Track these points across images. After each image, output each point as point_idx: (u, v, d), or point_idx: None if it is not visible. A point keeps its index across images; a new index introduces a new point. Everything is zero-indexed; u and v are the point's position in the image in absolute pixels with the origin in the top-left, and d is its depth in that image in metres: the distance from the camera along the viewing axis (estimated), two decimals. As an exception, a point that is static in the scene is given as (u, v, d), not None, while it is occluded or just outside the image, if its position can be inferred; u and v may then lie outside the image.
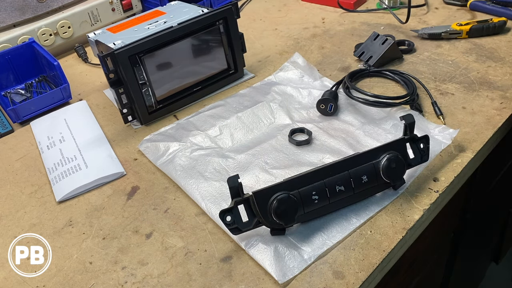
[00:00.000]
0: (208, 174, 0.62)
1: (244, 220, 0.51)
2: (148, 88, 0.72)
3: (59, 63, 0.78)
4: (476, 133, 0.65)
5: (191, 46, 0.75)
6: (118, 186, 0.64)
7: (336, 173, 0.51)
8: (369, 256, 0.51)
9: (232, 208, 0.50)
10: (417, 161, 0.57)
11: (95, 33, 0.79)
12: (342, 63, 0.83)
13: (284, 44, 0.92)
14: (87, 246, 0.56)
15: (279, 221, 0.50)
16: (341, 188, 0.52)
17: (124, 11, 1.00)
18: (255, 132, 0.70)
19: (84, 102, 0.82)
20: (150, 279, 0.51)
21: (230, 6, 0.75)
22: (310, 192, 0.50)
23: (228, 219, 0.50)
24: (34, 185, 0.66)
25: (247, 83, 0.81)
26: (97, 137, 0.72)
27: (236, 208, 0.50)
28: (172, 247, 0.54)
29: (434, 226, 0.62)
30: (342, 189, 0.52)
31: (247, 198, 0.50)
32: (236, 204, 0.50)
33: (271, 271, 0.49)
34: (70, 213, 0.61)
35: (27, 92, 0.85)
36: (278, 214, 0.49)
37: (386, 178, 0.53)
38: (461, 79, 0.75)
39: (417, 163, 0.57)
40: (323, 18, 1.00)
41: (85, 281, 0.52)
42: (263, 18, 1.03)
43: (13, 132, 0.78)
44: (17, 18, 0.89)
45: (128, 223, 0.58)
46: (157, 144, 0.68)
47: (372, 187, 0.54)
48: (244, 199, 0.50)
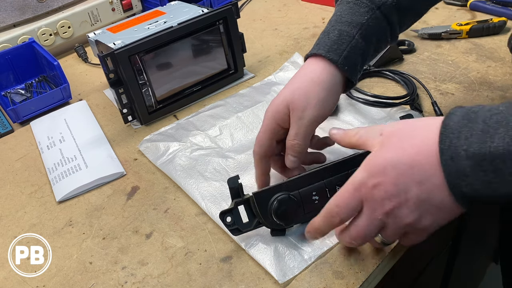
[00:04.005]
0: (208, 174, 0.62)
1: (244, 221, 0.51)
2: (148, 88, 0.72)
3: (59, 63, 0.78)
4: (476, 133, 0.65)
5: (191, 46, 0.75)
6: (118, 186, 0.64)
7: (336, 173, 0.51)
8: (369, 256, 0.51)
9: (232, 209, 0.50)
10: None
11: (95, 33, 0.79)
12: (342, 63, 0.83)
13: (284, 44, 0.92)
14: (87, 246, 0.56)
15: (280, 221, 0.50)
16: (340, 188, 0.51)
17: (124, 11, 1.00)
18: (255, 132, 0.70)
19: (84, 102, 0.82)
20: (150, 279, 0.51)
21: (230, 6, 0.75)
22: (310, 192, 0.50)
23: (228, 220, 0.50)
24: (34, 185, 0.66)
25: (247, 83, 0.81)
26: (97, 137, 0.72)
27: (236, 209, 0.50)
28: (172, 247, 0.54)
29: (434, 226, 0.61)
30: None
31: (247, 199, 0.50)
32: (236, 205, 0.50)
33: (271, 271, 0.49)
34: (70, 213, 0.61)
35: (27, 92, 0.85)
36: (278, 215, 0.49)
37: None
38: (461, 79, 0.75)
39: None
40: (323, 18, 1.00)
41: (85, 281, 0.52)
42: (263, 18, 1.03)
43: (13, 132, 0.78)
44: (17, 18, 0.89)
45: (128, 223, 0.58)
46: (157, 144, 0.68)
47: None
48: (244, 200, 0.50)
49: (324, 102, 0.50)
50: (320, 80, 0.50)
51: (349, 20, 0.51)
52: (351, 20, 0.51)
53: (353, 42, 0.51)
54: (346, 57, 0.50)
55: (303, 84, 0.51)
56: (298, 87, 0.51)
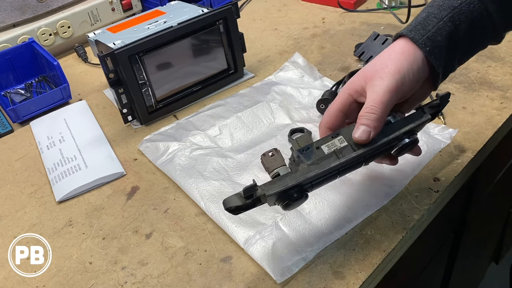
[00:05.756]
0: (207, 173, 0.62)
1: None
2: (148, 88, 0.72)
3: (59, 63, 0.78)
4: (476, 133, 0.65)
5: (191, 46, 0.75)
6: (118, 186, 0.64)
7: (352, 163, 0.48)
8: (369, 256, 0.51)
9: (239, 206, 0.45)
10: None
11: (95, 33, 0.79)
12: (342, 63, 0.83)
13: (284, 44, 0.92)
14: (87, 246, 0.56)
15: (285, 210, 0.47)
16: (350, 172, 0.50)
17: (124, 11, 1.00)
18: (255, 132, 0.70)
19: (84, 102, 0.82)
20: (150, 279, 0.51)
21: (230, 6, 0.75)
22: (322, 182, 0.48)
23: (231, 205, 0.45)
24: (34, 185, 0.66)
25: (247, 83, 0.81)
26: (97, 137, 0.72)
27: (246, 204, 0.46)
28: (172, 247, 0.54)
29: (434, 226, 0.62)
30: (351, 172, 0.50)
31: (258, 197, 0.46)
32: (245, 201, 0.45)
33: (269, 271, 0.49)
34: (70, 213, 0.61)
35: (27, 92, 0.85)
36: (287, 208, 0.47)
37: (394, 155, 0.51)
38: (461, 79, 0.75)
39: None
40: (323, 18, 1.00)
41: (85, 281, 0.52)
42: (263, 18, 1.03)
43: (13, 132, 0.78)
44: (17, 18, 0.89)
45: (128, 223, 0.58)
46: (157, 144, 0.68)
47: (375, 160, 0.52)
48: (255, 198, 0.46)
49: (403, 73, 0.46)
50: (401, 51, 0.48)
51: (441, 3, 0.48)
52: (442, 3, 0.48)
53: (440, 23, 0.47)
54: (429, 37, 0.47)
55: (383, 55, 0.49)
56: (377, 59, 0.49)
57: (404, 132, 0.48)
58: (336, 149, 0.47)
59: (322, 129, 0.51)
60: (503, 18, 0.48)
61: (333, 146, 0.47)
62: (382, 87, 0.46)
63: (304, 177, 0.45)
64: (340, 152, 0.46)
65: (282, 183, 0.45)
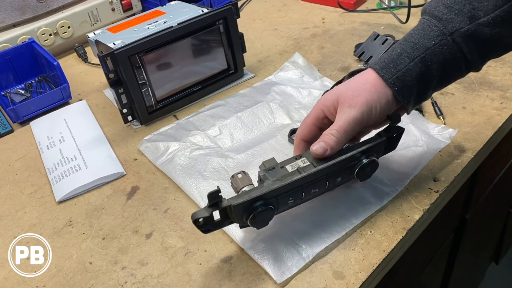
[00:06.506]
0: (207, 173, 0.62)
1: (216, 219, 0.49)
2: (148, 88, 0.72)
3: (59, 63, 0.78)
4: (476, 133, 0.65)
5: (191, 46, 0.75)
6: (118, 186, 0.64)
7: (315, 179, 0.50)
8: (369, 256, 0.51)
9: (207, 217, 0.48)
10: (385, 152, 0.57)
11: (95, 33, 0.79)
12: (342, 63, 0.83)
13: (284, 44, 0.92)
14: (87, 246, 0.56)
15: (253, 226, 0.49)
16: (315, 190, 0.52)
17: (124, 11, 1.00)
18: (255, 132, 0.70)
19: (84, 102, 0.82)
20: (150, 279, 0.51)
21: (230, 6, 0.75)
22: (287, 198, 0.50)
23: (200, 221, 0.47)
24: (34, 185, 0.66)
25: (247, 83, 0.81)
26: (97, 137, 0.72)
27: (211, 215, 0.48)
28: (172, 247, 0.54)
29: (434, 226, 0.62)
30: (316, 190, 0.52)
31: (224, 208, 0.48)
32: (211, 211, 0.48)
33: (269, 270, 0.49)
34: (70, 213, 0.61)
35: (27, 92, 0.85)
36: (254, 222, 0.48)
37: (358, 178, 0.54)
38: (461, 79, 0.75)
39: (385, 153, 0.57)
40: (323, 18, 1.00)
41: (85, 281, 0.52)
42: (263, 18, 1.03)
43: (13, 132, 0.78)
44: (17, 18, 0.89)
45: (128, 223, 0.58)
46: (157, 144, 0.68)
47: (342, 182, 0.55)
48: (222, 208, 0.48)
49: (371, 105, 0.50)
50: (374, 83, 0.50)
51: (416, 41, 0.50)
52: (417, 42, 0.49)
53: (411, 64, 0.49)
54: (399, 77, 0.49)
55: (358, 83, 0.51)
56: (352, 85, 0.51)
57: (361, 151, 0.51)
58: (298, 167, 0.50)
59: (298, 140, 0.55)
60: (479, 57, 0.50)
61: (296, 165, 0.51)
62: (349, 116, 0.50)
63: (268, 189, 0.48)
64: (303, 169, 0.50)
65: (247, 195, 0.48)
